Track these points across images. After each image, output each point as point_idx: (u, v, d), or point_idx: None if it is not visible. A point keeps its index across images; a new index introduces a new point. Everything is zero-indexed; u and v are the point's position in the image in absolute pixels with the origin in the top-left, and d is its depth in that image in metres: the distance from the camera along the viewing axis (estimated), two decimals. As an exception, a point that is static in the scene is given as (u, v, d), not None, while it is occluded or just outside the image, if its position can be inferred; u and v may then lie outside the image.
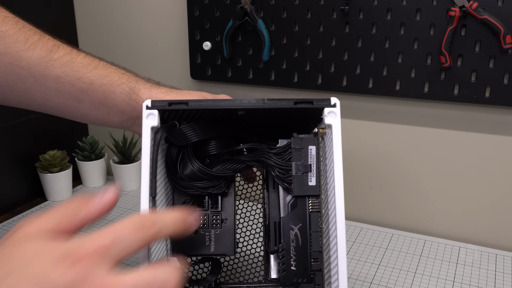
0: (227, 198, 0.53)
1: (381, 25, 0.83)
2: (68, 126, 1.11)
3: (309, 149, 0.48)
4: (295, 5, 0.88)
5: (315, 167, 0.48)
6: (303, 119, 0.51)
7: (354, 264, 0.79)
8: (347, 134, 0.93)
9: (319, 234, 0.47)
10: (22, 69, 0.53)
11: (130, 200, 1.03)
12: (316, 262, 0.47)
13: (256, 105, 0.45)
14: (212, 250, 0.51)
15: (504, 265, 0.79)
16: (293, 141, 0.48)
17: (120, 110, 0.57)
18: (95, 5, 1.09)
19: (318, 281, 0.46)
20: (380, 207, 0.95)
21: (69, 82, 0.55)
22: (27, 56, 0.53)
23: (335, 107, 0.46)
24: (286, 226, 0.48)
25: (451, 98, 0.82)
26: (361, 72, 0.87)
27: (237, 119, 0.50)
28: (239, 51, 0.95)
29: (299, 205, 0.48)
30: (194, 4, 0.95)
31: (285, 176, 0.48)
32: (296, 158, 0.47)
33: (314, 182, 0.47)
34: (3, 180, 0.99)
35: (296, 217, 0.48)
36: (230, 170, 0.51)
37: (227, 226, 0.52)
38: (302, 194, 0.48)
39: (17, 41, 0.53)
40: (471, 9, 0.76)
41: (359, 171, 0.95)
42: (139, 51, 1.07)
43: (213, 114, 0.49)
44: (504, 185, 0.85)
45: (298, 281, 0.47)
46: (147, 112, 0.45)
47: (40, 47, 0.54)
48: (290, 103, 0.46)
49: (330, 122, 0.46)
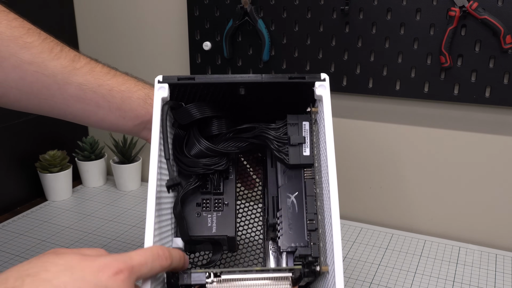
0: (229, 183, 0.56)
1: (381, 25, 0.83)
2: (68, 126, 1.11)
3: (303, 124, 0.53)
4: (295, 5, 0.88)
5: (309, 139, 0.52)
6: (296, 101, 0.55)
7: (354, 264, 0.79)
8: (347, 134, 0.93)
9: (314, 198, 0.50)
10: (47, 77, 0.58)
11: (130, 200, 1.04)
12: (311, 222, 0.50)
13: (255, 79, 0.51)
14: (214, 231, 0.53)
15: (504, 265, 0.79)
16: (288, 118, 0.53)
17: (135, 115, 0.61)
18: (95, 5, 1.09)
19: (314, 239, 0.48)
20: (380, 207, 0.95)
21: (91, 89, 0.59)
22: (52, 65, 0.58)
23: (325, 81, 0.51)
24: (283, 195, 0.52)
25: (451, 98, 0.82)
26: (361, 72, 0.87)
27: (237, 102, 0.55)
28: (239, 51, 0.95)
29: (295, 176, 0.52)
30: (194, 4, 0.95)
31: (282, 148, 0.53)
32: (291, 132, 0.52)
33: (308, 153, 0.52)
34: (3, 180, 0.99)
35: (292, 187, 0.52)
36: (234, 147, 0.55)
37: (228, 209, 0.55)
38: (297, 162, 0.52)
39: (43, 51, 0.57)
40: (471, 9, 0.76)
41: (359, 171, 0.95)
42: (139, 51, 1.07)
43: (217, 93, 0.53)
44: (504, 185, 0.85)
45: (295, 245, 0.49)
46: (159, 86, 0.51)
47: (64, 57, 0.59)
48: (285, 78, 0.51)
49: (320, 93, 0.51)
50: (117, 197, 1.05)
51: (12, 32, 0.56)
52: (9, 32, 0.56)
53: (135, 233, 0.89)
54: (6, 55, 0.56)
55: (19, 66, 0.56)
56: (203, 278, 0.46)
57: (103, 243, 0.85)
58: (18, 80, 0.57)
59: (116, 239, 0.87)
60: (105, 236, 0.88)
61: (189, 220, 0.54)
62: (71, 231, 0.90)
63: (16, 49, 0.56)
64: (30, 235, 0.89)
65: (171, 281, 0.47)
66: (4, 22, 0.56)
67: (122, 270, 0.37)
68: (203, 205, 0.55)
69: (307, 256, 0.48)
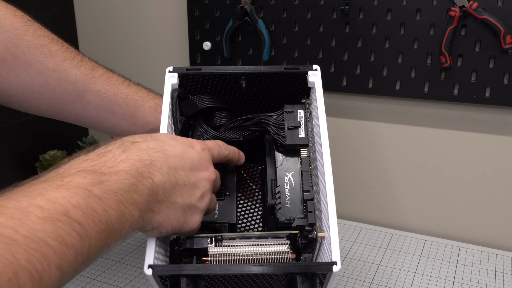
0: (230, 175, 0.60)
1: (381, 25, 0.83)
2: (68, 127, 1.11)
3: (298, 112, 0.58)
4: (295, 5, 0.88)
5: (304, 124, 0.57)
6: (291, 92, 0.61)
7: (354, 264, 0.79)
8: (347, 134, 0.93)
9: (309, 173, 0.54)
10: (68, 84, 0.62)
11: (130, 200, 1.03)
12: (307, 193, 0.53)
13: (255, 70, 0.58)
14: (215, 218, 0.56)
15: (504, 265, 0.79)
16: (285, 107, 0.59)
17: (145, 122, 0.66)
18: (95, 5, 1.09)
19: (309, 208, 0.52)
20: (380, 207, 0.95)
21: (107, 97, 0.64)
22: (74, 73, 0.62)
23: (317, 71, 0.58)
24: (281, 173, 0.56)
25: (451, 98, 0.82)
26: (361, 72, 0.87)
27: (238, 94, 0.61)
28: (239, 51, 0.95)
29: (292, 157, 0.57)
30: (194, 4, 0.95)
31: (280, 131, 0.57)
32: (288, 118, 0.58)
33: (303, 135, 0.57)
34: (3, 180, 0.99)
35: (289, 167, 0.56)
36: (238, 135, 0.59)
37: (229, 198, 0.58)
38: (293, 143, 0.56)
39: (65, 60, 0.62)
40: (471, 9, 0.76)
41: (359, 171, 0.95)
42: (139, 51, 1.07)
43: (221, 85, 0.59)
44: (504, 185, 0.85)
45: (293, 217, 0.52)
46: (169, 75, 0.58)
47: (84, 66, 0.64)
48: (281, 68, 0.58)
49: (313, 80, 0.58)
50: (117, 197, 1.05)
51: (39, 41, 0.61)
52: (36, 41, 0.61)
53: (135, 232, 0.89)
54: (32, 62, 0.60)
55: (43, 73, 0.61)
56: (205, 243, 0.49)
57: (103, 243, 0.85)
58: (41, 85, 0.61)
59: (116, 239, 0.87)
60: (105, 236, 0.88)
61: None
62: (71, 231, 0.90)
63: (42, 57, 0.61)
64: (30, 235, 0.89)
65: (174, 248, 0.50)
66: (31, 31, 0.61)
67: (205, 148, 0.51)
68: None
69: (304, 226, 0.51)
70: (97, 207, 0.36)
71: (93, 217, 0.36)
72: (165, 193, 0.44)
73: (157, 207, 0.44)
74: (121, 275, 0.76)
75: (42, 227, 0.32)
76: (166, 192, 0.45)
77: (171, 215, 0.45)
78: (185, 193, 0.47)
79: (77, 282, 0.73)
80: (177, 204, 0.46)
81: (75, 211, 0.35)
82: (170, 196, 0.45)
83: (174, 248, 0.50)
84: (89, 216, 0.35)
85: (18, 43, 0.60)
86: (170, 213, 0.45)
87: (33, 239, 0.31)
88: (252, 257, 0.49)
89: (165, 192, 0.44)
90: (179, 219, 0.46)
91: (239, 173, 0.63)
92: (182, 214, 0.46)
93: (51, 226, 0.33)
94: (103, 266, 0.78)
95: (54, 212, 0.34)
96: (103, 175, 0.39)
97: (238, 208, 0.61)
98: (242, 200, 0.66)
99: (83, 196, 0.36)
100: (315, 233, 0.50)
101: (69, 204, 0.35)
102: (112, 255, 0.81)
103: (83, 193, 0.36)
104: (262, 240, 0.50)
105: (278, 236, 0.50)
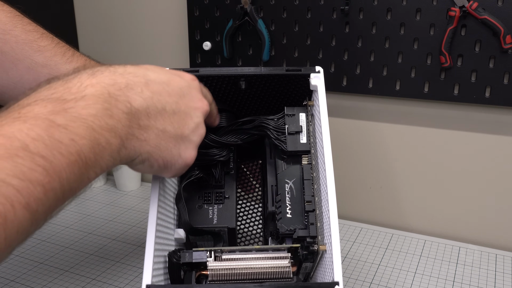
0: (229, 178, 0.58)
1: (381, 25, 0.83)
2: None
3: (299, 115, 0.56)
4: (295, 5, 0.88)
5: (305, 129, 0.55)
6: (293, 94, 0.59)
7: (354, 264, 0.79)
8: (348, 134, 0.93)
9: (311, 182, 0.52)
10: None
11: (130, 200, 1.04)
12: (309, 203, 0.51)
13: (255, 72, 0.55)
14: (215, 223, 0.55)
15: (504, 265, 0.79)
16: (286, 110, 0.56)
17: None
18: (95, 5, 1.09)
19: (311, 220, 0.50)
20: (380, 207, 0.95)
21: None
22: (65, 68, 0.60)
23: (319, 73, 0.55)
24: (282, 181, 0.53)
25: (451, 98, 0.82)
26: (361, 72, 0.87)
27: (238, 96, 0.59)
28: (239, 51, 0.95)
29: (293, 164, 0.55)
30: (194, 4, 0.95)
31: (281, 136, 0.55)
32: (289, 122, 0.55)
33: (305, 140, 0.54)
34: (3, 180, 0.99)
35: (290, 173, 0.54)
36: (237, 139, 0.57)
37: (228, 201, 0.56)
38: (294, 149, 0.54)
39: (56, 55, 0.60)
40: (471, 9, 0.76)
41: (359, 171, 0.95)
42: (139, 51, 1.07)
43: (220, 86, 0.57)
44: (504, 185, 0.85)
45: (294, 228, 0.51)
46: None
47: (75, 61, 0.61)
48: (282, 70, 0.55)
49: (315, 83, 0.55)
50: (117, 197, 1.05)
51: (27, 36, 0.59)
52: (24, 36, 0.59)
53: (135, 233, 0.89)
54: (21, 57, 0.59)
55: (33, 68, 0.59)
56: (204, 256, 0.48)
57: (103, 243, 0.85)
58: (32, 82, 0.59)
59: (116, 239, 0.87)
60: (105, 236, 0.88)
61: (191, 212, 0.56)
62: (71, 231, 0.90)
63: (31, 52, 0.59)
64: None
65: (173, 260, 0.48)
66: (20, 26, 0.59)
67: (194, 79, 0.48)
68: (204, 198, 0.57)
69: (306, 237, 0.50)
70: (62, 137, 0.33)
71: (58, 148, 0.33)
72: (150, 119, 0.41)
73: (142, 134, 0.41)
74: (121, 275, 0.76)
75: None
76: (151, 118, 0.41)
77: (162, 145, 0.42)
78: (176, 121, 0.43)
79: (77, 282, 0.73)
80: (167, 133, 0.43)
81: (36, 144, 0.32)
82: (157, 122, 0.42)
83: (172, 261, 0.48)
84: (54, 148, 0.33)
85: (6, 39, 0.58)
86: (161, 143, 0.42)
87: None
88: (252, 271, 0.47)
89: (150, 118, 0.41)
90: (171, 152, 0.44)
91: (239, 168, 0.62)
92: (175, 145, 0.44)
93: (9, 163, 0.30)
94: (103, 266, 0.78)
95: (10, 148, 0.31)
96: (66, 102, 0.36)
97: (237, 210, 0.60)
98: (242, 197, 0.65)
99: (43, 127, 0.33)
100: (317, 246, 0.48)
101: (28, 137, 0.32)
102: (112, 255, 0.81)
103: (43, 124, 0.33)
104: (262, 253, 0.49)
105: (279, 249, 0.49)
